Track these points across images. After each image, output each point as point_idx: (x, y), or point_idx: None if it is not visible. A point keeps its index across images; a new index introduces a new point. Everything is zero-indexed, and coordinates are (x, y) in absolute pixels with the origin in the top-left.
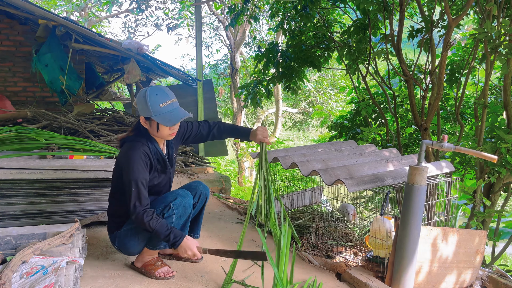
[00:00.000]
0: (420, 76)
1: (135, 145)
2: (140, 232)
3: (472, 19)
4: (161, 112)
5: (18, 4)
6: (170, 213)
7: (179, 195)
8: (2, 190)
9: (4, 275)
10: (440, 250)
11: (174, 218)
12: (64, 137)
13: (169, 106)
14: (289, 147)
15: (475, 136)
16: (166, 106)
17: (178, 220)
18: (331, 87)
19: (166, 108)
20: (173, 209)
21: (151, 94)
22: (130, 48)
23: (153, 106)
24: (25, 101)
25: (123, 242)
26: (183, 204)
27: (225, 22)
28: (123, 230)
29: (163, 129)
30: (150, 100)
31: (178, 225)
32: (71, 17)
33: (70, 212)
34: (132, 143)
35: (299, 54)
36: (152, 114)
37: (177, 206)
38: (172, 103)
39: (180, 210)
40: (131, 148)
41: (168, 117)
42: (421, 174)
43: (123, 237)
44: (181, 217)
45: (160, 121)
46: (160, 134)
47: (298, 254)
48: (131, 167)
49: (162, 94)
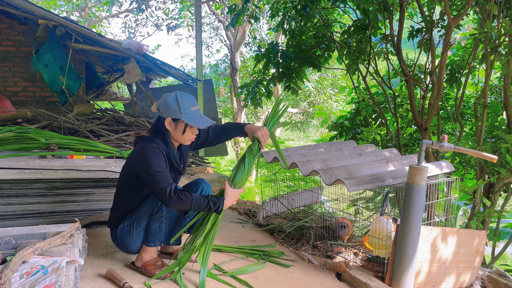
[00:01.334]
0: (420, 76)
1: (150, 143)
2: (136, 227)
3: (472, 19)
4: (191, 115)
5: (18, 4)
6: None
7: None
8: (2, 190)
9: (4, 275)
10: (440, 250)
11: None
12: (64, 137)
13: (198, 111)
14: (289, 147)
15: (475, 136)
16: (196, 110)
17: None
18: (331, 87)
19: (195, 112)
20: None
21: (183, 97)
22: (130, 48)
23: (185, 108)
24: (25, 101)
25: (121, 239)
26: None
27: (225, 22)
28: (120, 227)
29: (188, 132)
30: (182, 102)
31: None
32: (71, 17)
33: (70, 212)
34: (148, 142)
35: (299, 54)
36: (183, 115)
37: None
38: (198, 109)
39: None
40: (148, 144)
41: (199, 120)
42: (421, 174)
43: (121, 234)
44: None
45: (191, 123)
46: (182, 137)
47: (298, 254)
48: (148, 162)
49: (192, 99)
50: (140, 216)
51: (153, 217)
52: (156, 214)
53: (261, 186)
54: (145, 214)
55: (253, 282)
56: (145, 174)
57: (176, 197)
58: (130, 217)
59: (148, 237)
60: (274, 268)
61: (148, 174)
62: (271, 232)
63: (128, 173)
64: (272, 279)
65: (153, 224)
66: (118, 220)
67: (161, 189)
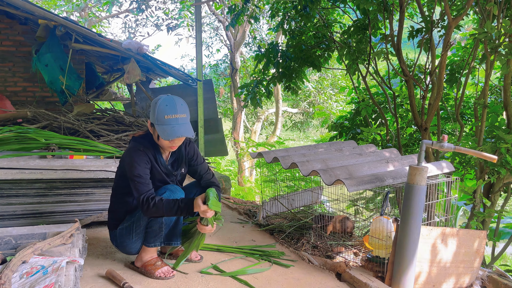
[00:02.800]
0: (420, 76)
1: (138, 145)
2: (136, 228)
3: (472, 19)
4: (163, 123)
5: (18, 4)
6: None
7: (168, 189)
8: (2, 190)
9: (4, 275)
10: (440, 250)
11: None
12: (64, 137)
13: (174, 120)
14: (289, 147)
15: (475, 136)
16: (170, 119)
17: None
18: (331, 87)
19: (170, 121)
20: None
21: (162, 103)
22: (130, 48)
23: (158, 115)
24: (25, 101)
25: (121, 240)
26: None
27: (225, 22)
28: (119, 228)
29: (162, 139)
30: (158, 108)
31: (169, 220)
32: (71, 17)
33: (70, 212)
34: (137, 144)
35: (299, 54)
36: (156, 122)
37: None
38: (178, 117)
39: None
40: (134, 146)
41: (168, 130)
42: (421, 174)
43: (120, 235)
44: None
45: (158, 131)
46: (159, 143)
47: (298, 254)
48: (131, 164)
49: (172, 107)
50: (139, 217)
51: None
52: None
53: (261, 186)
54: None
55: (253, 282)
56: (128, 176)
57: (147, 206)
58: (130, 218)
59: (148, 238)
60: (274, 268)
61: (129, 176)
62: (271, 232)
63: (121, 173)
64: (272, 279)
65: (153, 225)
66: (117, 221)
67: (136, 196)
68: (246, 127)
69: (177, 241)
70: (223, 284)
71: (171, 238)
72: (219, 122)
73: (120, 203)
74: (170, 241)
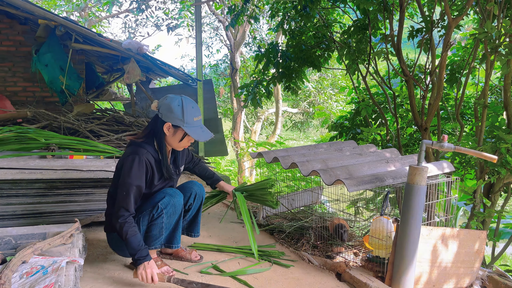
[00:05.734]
0: (420, 76)
1: (139, 150)
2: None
3: (472, 19)
4: (193, 125)
5: (18, 4)
6: (159, 212)
7: (167, 194)
8: (2, 190)
9: (4, 275)
10: (440, 251)
11: (164, 217)
12: (64, 137)
13: (199, 122)
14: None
15: (475, 136)
16: (198, 121)
17: (169, 219)
18: (331, 87)
19: (197, 122)
20: (161, 209)
21: (188, 105)
22: (130, 48)
23: (187, 117)
24: (25, 101)
25: (120, 244)
26: (172, 202)
27: (225, 22)
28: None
29: (185, 140)
30: (186, 110)
31: (170, 224)
32: (71, 17)
33: (70, 212)
34: (137, 148)
35: (299, 54)
36: (185, 124)
37: (165, 205)
38: (200, 119)
39: (170, 208)
40: (134, 153)
41: (199, 132)
42: (421, 174)
43: (118, 240)
44: (171, 215)
45: (192, 134)
46: (178, 144)
47: (298, 254)
48: (128, 171)
49: (196, 108)
50: (138, 221)
51: (153, 223)
52: (156, 220)
53: None
54: (144, 219)
55: (253, 282)
56: (121, 180)
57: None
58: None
59: (148, 242)
60: (274, 268)
61: (122, 182)
62: (271, 232)
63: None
64: (272, 279)
65: (153, 229)
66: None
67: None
68: (246, 127)
69: (177, 244)
70: (223, 284)
71: (171, 241)
72: (219, 122)
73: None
74: (170, 244)
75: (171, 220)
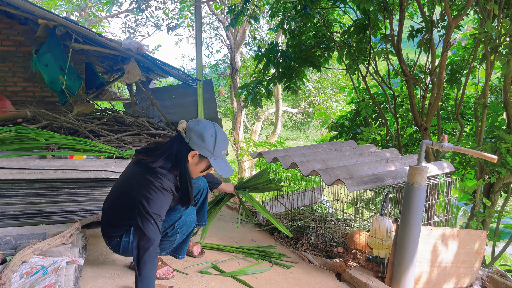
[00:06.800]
0: (420, 76)
1: (165, 184)
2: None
3: (472, 19)
4: (220, 158)
5: (18, 4)
6: (174, 232)
7: (184, 214)
8: (2, 190)
9: (4, 275)
10: (440, 250)
11: (179, 236)
12: (64, 137)
13: (224, 155)
14: (289, 147)
15: (475, 136)
16: (224, 155)
17: (182, 237)
18: (331, 87)
19: (224, 156)
20: (177, 229)
21: (220, 137)
22: (130, 48)
23: (217, 149)
24: (25, 101)
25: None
26: (188, 222)
27: (225, 22)
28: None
29: (205, 171)
30: (218, 142)
31: (181, 239)
32: (71, 17)
33: (70, 212)
34: (164, 180)
35: (299, 54)
36: (212, 157)
37: (181, 225)
38: (226, 152)
39: (185, 228)
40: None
41: (224, 167)
42: (421, 174)
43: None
44: (185, 234)
45: (217, 169)
46: (198, 173)
47: (298, 254)
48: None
49: (227, 142)
50: None
51: (166, 239)
52: (170, 237)
53: None
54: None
55: (253, 282)
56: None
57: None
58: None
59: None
60: (274, 268)
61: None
62: (271, 232)
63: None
64: (272, 279)
65: (164, 244)
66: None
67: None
68: (246, 127)
69: (183, 255)
70: (223, 284)
71: (178, 252)
72: (219, 122)
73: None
74: (176, 254)
75: (183, 237)
